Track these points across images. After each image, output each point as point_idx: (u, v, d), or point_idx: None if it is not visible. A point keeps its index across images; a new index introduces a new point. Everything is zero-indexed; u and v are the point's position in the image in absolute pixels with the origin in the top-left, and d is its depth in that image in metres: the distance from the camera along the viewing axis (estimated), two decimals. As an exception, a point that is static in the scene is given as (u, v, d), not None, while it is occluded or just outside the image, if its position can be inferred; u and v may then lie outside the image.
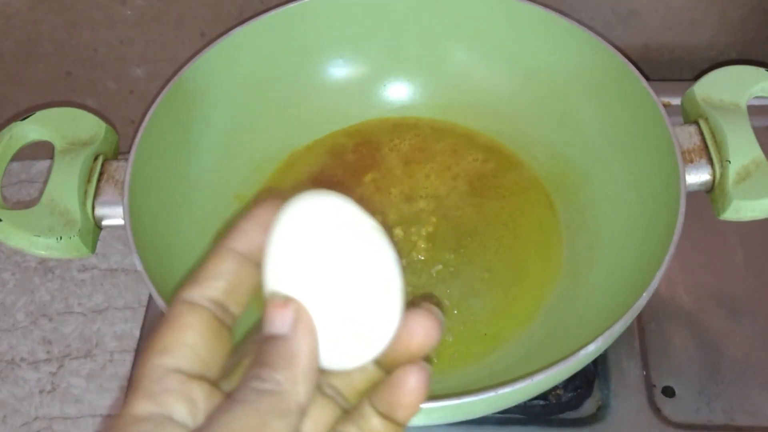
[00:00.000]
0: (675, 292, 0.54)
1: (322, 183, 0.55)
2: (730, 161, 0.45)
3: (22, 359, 0.58)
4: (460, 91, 0.57)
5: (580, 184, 0.53)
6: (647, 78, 0.48)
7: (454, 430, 0.48)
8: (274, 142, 0.56)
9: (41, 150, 0.51)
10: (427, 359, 0.25)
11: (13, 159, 0.48)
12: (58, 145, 0.48)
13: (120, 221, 0.46)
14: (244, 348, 0.26)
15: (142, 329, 0.54)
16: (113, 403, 0.56)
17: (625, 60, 0.49)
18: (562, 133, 0.54)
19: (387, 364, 0.25)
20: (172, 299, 0.25)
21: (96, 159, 0.48)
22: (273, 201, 0.25)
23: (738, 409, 0.49)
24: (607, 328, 0.39)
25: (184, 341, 0.24)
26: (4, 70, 0.64)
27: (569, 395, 0.48)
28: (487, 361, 0.47)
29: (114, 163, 0.48)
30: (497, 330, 0.49)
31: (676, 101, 0.51)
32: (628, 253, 0.47)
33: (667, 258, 0.40)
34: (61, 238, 0.44)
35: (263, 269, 0.24)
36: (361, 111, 0.58)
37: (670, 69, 0.66)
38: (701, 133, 0.47)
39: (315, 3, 0.54)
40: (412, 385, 0.24)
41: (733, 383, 0.50)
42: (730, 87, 0.48)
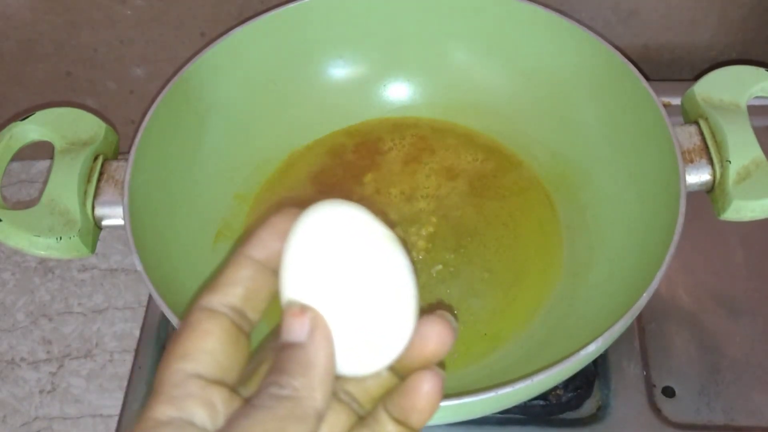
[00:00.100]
0: (675, 292, 0.54)
1: (322, 183, 0.55)
2: (730, 161, 0.45)
3: (22, 359, 0.58)
4: (460, 91, 0.57)
5: (580, 184, 0.53)
6: (647, 78, 0.48)
7: (454, 430, 0.48)
8: (274, 142, 0.56)
9: (41, 150, 0.51)
10: (441, 365, 0.26)
11: (13, 159, 0.48)
12: (58, 145, 0.48)
13: (120, 221, 0.46)
14: (260, 356, 0.26)
15: (142, 329, 0.54)
16: (113, 403, 0.56)
17: (625, 60, 0.49)
18: (562, 133, 0.54)
19: (401, 370, 0.26)
20: (190, 306, 0.25)
21: (96, 159, 0.48)
22: (290, 210, 0.26)
23: (738, 409, 0.49)
24: (607, 328, 0.39)
25: (203, 347, 0.24)
26: (4, 70, 0.64)
27: (569, 395, 0.48)
28: (487, 361, 0.47)
29: (114, 163, 0.48)
30: (497, 330, 0.49)
31: (676, 101, 0.51)
32: (628, 253, 0.47)
33: (667, 258, 0.40)
34: (61, 238, 0.44)
35: (280, 277, 0.25)
36: (361, 111, 0.58)
37: (670, 69, 0.66)
38: (701, 133, 0.47)
39: (315, 3, 0.54)
40: (426, 390, 0.25)
41: (733, 383, 0.50)
42: (730, 87, 0.48)
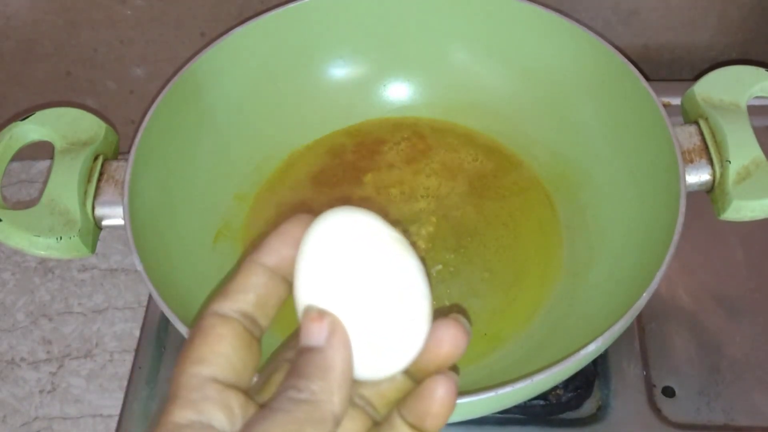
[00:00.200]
0: (675, 292, 0.54)
1: (322, 183, 0.55)
2: (730, 161, 0.45)
3: (22, 359, 0.58)
4: (460, 91, 0.57)
5: (580, 184, 0.53)
6: (647, 78, 0.48)
7: (453, 430, 0.48)
8: (274, 142, 0.56)
9: (41, 150, 0.51)
10: (455, 369, 0.26)
11: (13, 159, 0.48)
12: (58, 145, 0.48)
13: (120, 221, 0.46)
14: (271, 366, 0.27)
15: (142, 329, 0.54)
16: (113, 403, 0.56)
17: (625, 60, 0.49)
18: (562, 133, 0.54)
19: (416, 374, 0.26)
20: (201, 311, 0.25)
21: (96, 159, 0.48)
22: (301, 217, 0.26)
23: (738, 409, 0.49)
24: (607, 328, 0.39)
25: (218, 351, 0.24)
26: (4, 70, 0.64)
27: (569, 395, 0.48)
28: (487, 361, 0.47)
29: (114, 163, 0.48)
30: (497, 330, 0.49)
31: (676, 101, 0.51)
32: (628, 253, 0.47)
33: (667, 258, 0.40)
34: (61, 238, 0.44)
35: (295, 284, 0.25)
36: (361, 111, 0.58)
37: (670, 69, 0.66)
38: (701, 133, 0.47)
39: (315, 3, 0.54)
40: (440, 394, 0.25)
41: (733, 383, 0.50)
42: (730, 87, 0.48)
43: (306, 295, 0.25)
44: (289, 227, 0.26)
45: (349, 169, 0.56)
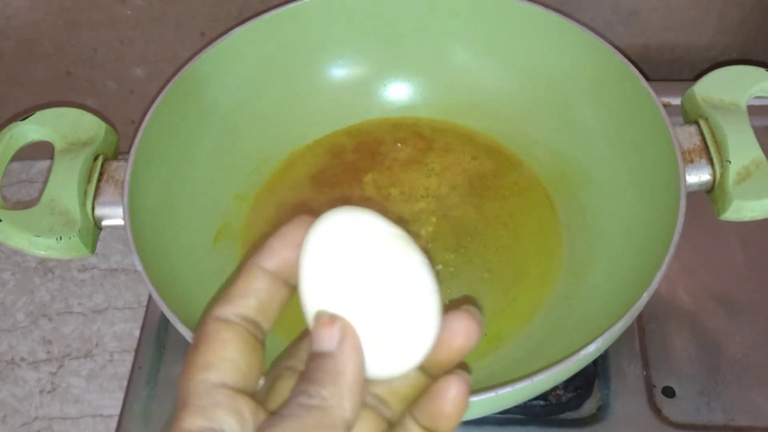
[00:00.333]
0: (675, 292, 0.54)
1: (322, 183, 0.55)
2: (730, 161, 0.45)
3: (22, 359, 0.58)
4: (460, 91, 0.57)
5: (580, 184, 0.53)
6: (647, 78, 0.48)
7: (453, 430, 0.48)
8: (274, 142, 0.56)
9: (41, 150, 0.51)
10: (466, 368, 0.26)
11: (13, 159, 0.48)
12: (58, 145, 0.48)
13: (120, 221, 0.46)
14: (275, 372, 0.27)
15: (142, 329, 0.54)
16: (113, 403, 0.56)
17: (625, 60, 0.49)
18: (562, 133, 0.54)
19: (429, 368, 0.26)
20: (203, 317, 0.25)
21: (96, 159, 0.48)
22: (301, 219, 0.26)
23: (738, 409, 0.49)
24: (607, 329, 0.39)
25: (224, 356, 0.24)
26: (4, 70, 0.64)
27: (569, 395, 0.48)
28: (487, 361, 0.47)
29: (114, 163, 0.48)
30: (497, 330, 0.49)
31: (676, 101, 0.51)
32: (628, 253, 0.47)
33: (667, 258, 0.40)
34: (61, 238, 0.44)
35: (300, 287, 0.25)
36: (361, 111, 0.58)
37: (670, 69, 0.66)
38: (701, 133, 0.47)
39: (315, 3, 0.54)
40: (452, 394, 0.25)
41: (733, 383, 0.50)
42: (730, 87, 0.48)
43: (313, 298, 0.25)
44: (289, 229, 0.26)
45: (349, 169, 0.56)
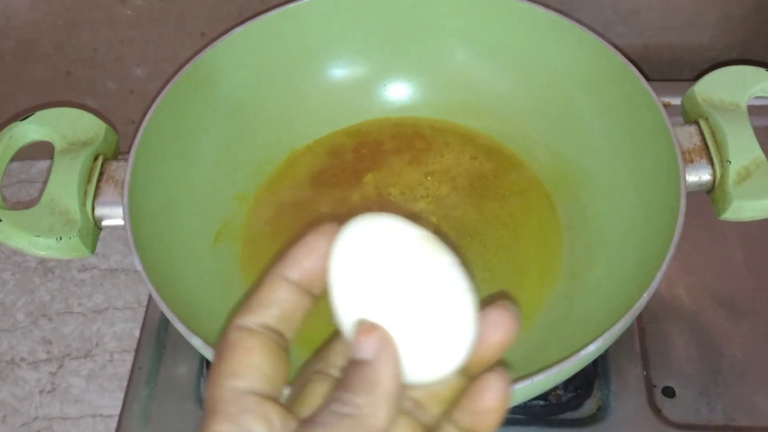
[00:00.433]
0: (675, 292, 0.54)
1: (322, 183, 0.55)
2: (730, 161, 0.45)
3: (22, 359, 0.58)
4: (460, 91, 0.57)
5: (580, 184, 0.53)
6: (647, 78, 0.48)
7: (454, 430, 0.48)
8: (274, 142, 0.56)
9: (41, 150, 0.51)
10: (507, 365, 0.26)
11: (13, 159, 0.48)
12: (58, 145, 0.48)
13: (120, 221, 0.46)
14: (303, 376, 0.26)
15: (142, 329, 0.54)
16: (113, 403, 0.56)
17: (625, 60, 0.49)
18: (562, 133, 0.54)
19: (469, 367, 0.26)
20: (225, 326, 0.25)
21: (96, 159, 0.48)
22: (324, 229, 0.26)
23: (738, 409, 0.49)
24: (607, 329, 0.39)
25: (250, 363, 0.24)
26: (4, 70, 0.64)
27: (569, 395, 0.48)
28: (487, 361, 0.47)
29: (114, 163, 0.48)
30: (497, 330, 0.48)
31: (676, 101, 0.51)
32: (628, 253, 0.47)
33: (667, 258, 0.40)
34: (61, 238, 0.44)
35: (331, 296, 0.25)
36: (361, 111, 0.58)
37: (670, 69, 0.66)
38: (701, 133, 0.47)
39: (315, 3, 0.54)
40: (494, 392, 0.25)
41: (733, 383, 0.50)
42: (730, 87, 0.48)
43: (346, 307, 0.25)
44: (312, 239, 0.26)
45: (349, 169, 0.56)
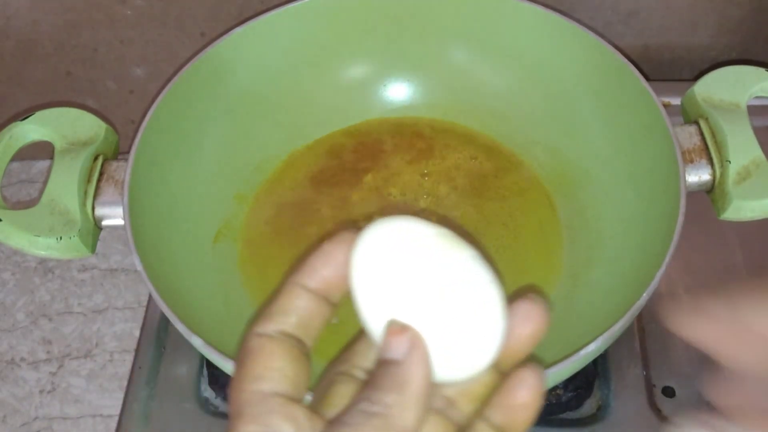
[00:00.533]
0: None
1: (322, 183, 0.55)
2: (730, 161, 0.45)
3: (22, 359, 0.58)
4: (460, 91, 0.57)
5: (580, 184, 0.53)
6: (647, 78, 0.48)
7: (454, 430, 0.48)
8: (274, 142, 0.56)
9: (41, 150, 0.51)
10: (536, 361, 0.26)
11: (13, 159, 0.48)
12: (58, 145, 0.48)
13: (120, 221, 0.46)
14: (326, 378, 0.26)
15: (142, 329, 0.54)
16: (113, 403, 0.56)
17: (625, 60, 0.49)
18: (562, 133, 0.54)
19: (501, 362, 0.26)
20: (245, 334, 0.25)
21: (96, 159, 0.48)
22: (341, 237, 0.26)
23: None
24: (607, 328, 0.39)
25: (273, 366, 0.24)
26: (4, 70, 0.64)
27: (569, 395, 0.48)
28: (487, 361, 0.47)
29: (114, 163, 0.48)
30: (497, 330, 0.49)
31: (676, 101, 0.51)
32: (628, 253, 0.47)
33: (667, 258, 0.40)
34: (61, 238, 0.44)
35: (355, 301, 0.25)
36: (361, 111, 0.58)
37: (670, 69, 0.66)
38: (701, 133, 0.47)
39: (315, 3, 0.54)
40: (528, 387, 0.25)
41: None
42: (730, 87, 0.48)
43: (372, 310, 0.25)
44: (330, 248, 0.26)
45: (349, 169, 0.56)
